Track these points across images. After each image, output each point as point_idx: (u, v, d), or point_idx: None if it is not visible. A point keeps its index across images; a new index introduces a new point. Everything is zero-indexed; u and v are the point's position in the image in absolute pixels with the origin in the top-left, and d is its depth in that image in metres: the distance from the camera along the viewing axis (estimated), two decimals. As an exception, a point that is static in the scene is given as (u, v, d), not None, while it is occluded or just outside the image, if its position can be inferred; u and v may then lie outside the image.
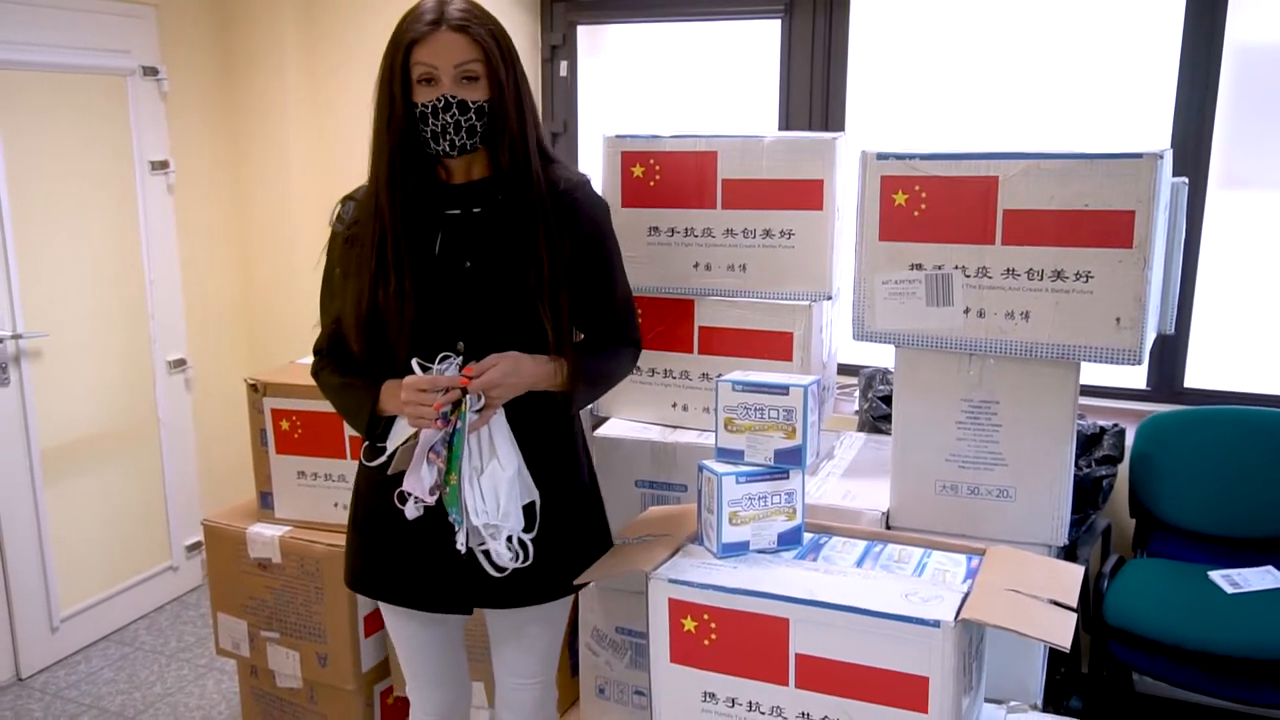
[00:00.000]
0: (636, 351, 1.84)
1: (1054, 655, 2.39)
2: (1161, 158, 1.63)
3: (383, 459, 1.70)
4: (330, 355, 1.77)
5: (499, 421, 1.65)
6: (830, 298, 2.07)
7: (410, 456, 1.64)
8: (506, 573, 1.67)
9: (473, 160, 1.67)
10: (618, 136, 2.11)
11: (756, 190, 2.04)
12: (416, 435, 1.64)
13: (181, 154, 3.49)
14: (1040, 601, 1.50)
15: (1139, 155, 1.63)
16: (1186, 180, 1.90)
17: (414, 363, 1.62)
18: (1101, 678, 2.56)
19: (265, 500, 2.47)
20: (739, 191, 2.05)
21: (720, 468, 1.65)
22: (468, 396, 1.58)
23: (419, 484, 1.63)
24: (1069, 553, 2.50)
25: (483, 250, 1.67)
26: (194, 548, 3.64)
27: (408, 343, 1.64)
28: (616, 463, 2.15)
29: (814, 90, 3.18)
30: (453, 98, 1.58)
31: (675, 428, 2.17)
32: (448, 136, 1.60)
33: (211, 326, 3.67)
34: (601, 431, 2.18)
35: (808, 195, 2.01)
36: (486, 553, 1.66)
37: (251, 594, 2.47)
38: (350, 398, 1.72)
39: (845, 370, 3.03)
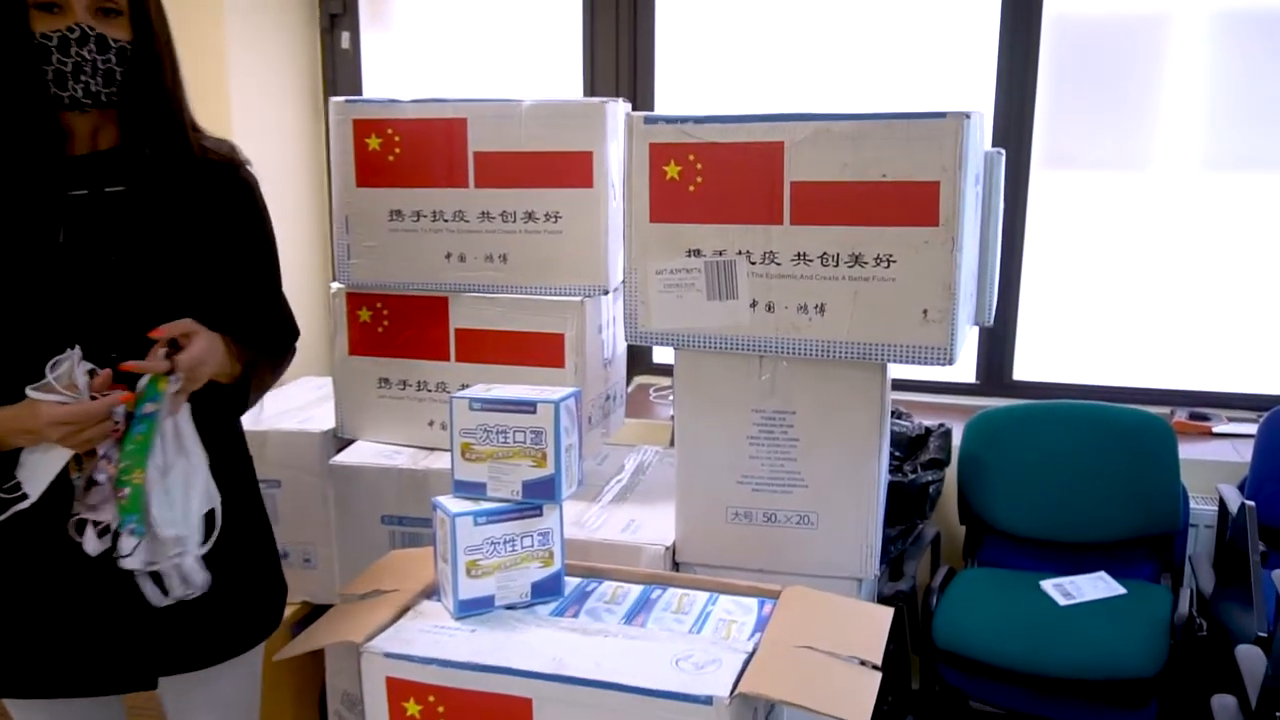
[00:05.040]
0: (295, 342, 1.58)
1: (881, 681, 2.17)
2: (969, 118, 1.38)
3: (26, 504, 1.30)
4: None
5: (184, 409, 1.30)
6: (608, 291, 1.78)
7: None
8: (169, 601, 1.31)
9: (100, 123, 1.32)
10: (347, 101, 1.77)
11: (515, 165, 1.73)
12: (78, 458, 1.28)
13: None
14: (838, 660, 1.24)
15: (942, 115, 1.37)
16: (1003, 150, 1.67)
17: (29, 390, 1.24)
18: (934, 693, 2.36)
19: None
20: (494, 166, 1.74)
21: (454, 505, 1.35)
22: (171, 376, 1.25)
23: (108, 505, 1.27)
24: (895, 566, 2.29)
25: (130, 240, 1.32)
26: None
27: (24, 361, 1.26)
28: (358, 495, 1.81)
29: (620, 61, 2.90)
30: (90, 29, 1.25)
31: (431, 450, 1.85)
32: (82, 79, 1.26)
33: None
34: (340, 459, 1.83)
35: (575, 170, 1.71)
36: (154, 577, 1.30)
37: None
38: None
39: (666, 371, 2.79)
